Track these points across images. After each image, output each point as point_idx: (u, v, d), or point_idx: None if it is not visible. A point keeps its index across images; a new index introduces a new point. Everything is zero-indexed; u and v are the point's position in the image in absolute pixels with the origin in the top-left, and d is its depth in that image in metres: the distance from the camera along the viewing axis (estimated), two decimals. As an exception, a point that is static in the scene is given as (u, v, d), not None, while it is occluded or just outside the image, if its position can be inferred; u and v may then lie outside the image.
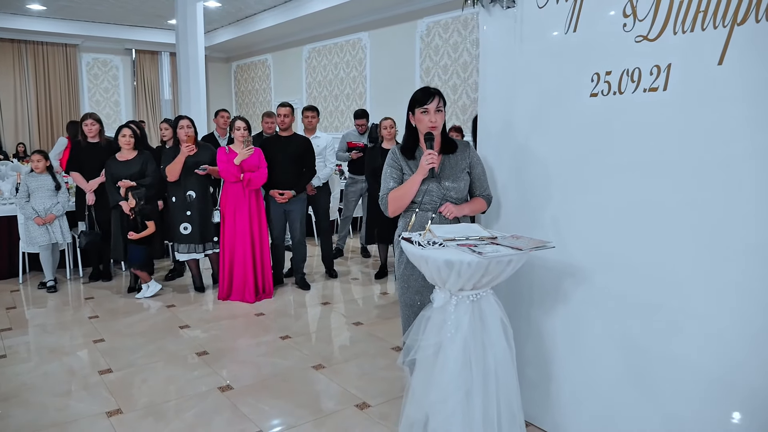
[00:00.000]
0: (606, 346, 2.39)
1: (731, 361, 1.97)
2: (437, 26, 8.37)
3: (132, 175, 4.83)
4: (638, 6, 2.13)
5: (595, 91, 2.31)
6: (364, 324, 4.23)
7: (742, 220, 1.91)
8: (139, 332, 4.03)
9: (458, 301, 1.94)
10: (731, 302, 1.96)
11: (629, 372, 2.32)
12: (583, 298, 2.46)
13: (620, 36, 2.19)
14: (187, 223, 4.83)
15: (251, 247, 4.72)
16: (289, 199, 4.90)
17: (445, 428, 1.93)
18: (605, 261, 2.34)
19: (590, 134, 2.36)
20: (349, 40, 10.06)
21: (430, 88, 2.54)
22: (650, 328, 2.21)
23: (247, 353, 3.68)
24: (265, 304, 4.70)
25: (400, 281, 2.58)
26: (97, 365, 3.46)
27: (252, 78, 13.24)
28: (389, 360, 3.57)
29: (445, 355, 1.94)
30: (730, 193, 1.94)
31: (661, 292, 2.16)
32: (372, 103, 9.49)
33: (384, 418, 2.83)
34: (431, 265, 1.85)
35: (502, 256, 1.82)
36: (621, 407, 2.36)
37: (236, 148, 4.70)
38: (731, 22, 1.86)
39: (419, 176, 2.44)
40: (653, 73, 2.10)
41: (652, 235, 2.17)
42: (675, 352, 2.14)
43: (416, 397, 2.03)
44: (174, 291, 5.07)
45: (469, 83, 7.53)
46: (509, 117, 2.71)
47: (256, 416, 2.85)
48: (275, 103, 12.32)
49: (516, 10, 2.60)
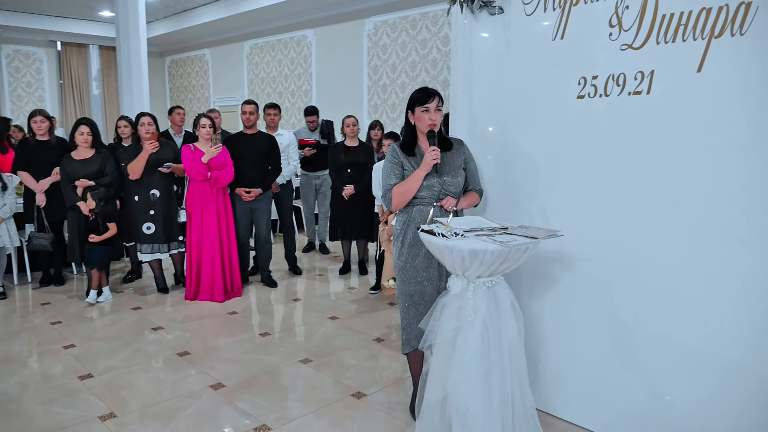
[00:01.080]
0: (592, 327, 2.62)
1: (711, 335, 2.24)
2: (385, 25, 8.51)
3: (90, 174, 4.65)
4: (623, 17, 2.36)
5: (582, 94, 2.53)
6: (339, 318, 4.32)
7: (719, 209, 2.18)
8: (112, 335, 3.92)
9: (476, 288, 2.10)
10: (710, 283, 2.22)
11: (614, 350, 2.57)
12: (570, 283, 2.68)
13: (606, 44, 2.42)
14: (151, 223, 4.72)
15: (219, 246, 4.68)
16: (255, 197, 4.90)
17: (466, 405, 2.08)
18: (591, 249, 2.57)
19: (577, 133, 2.58)
20: (294, 37, 10.02)
21: (429, 89, 2.67)
22: (635, 309, 2.46)
23: (231, 351, 3.68)
24: (235, 302, 4.68)
25: (401, 273, 2.70)
26: (74, 371, 3.35)
27: (188, 73, 12.86)
28: (372, 351, 3.69)
29: (464, 337, 2.09)
30: (706, 187, 2.21)
31: (645, 275, 2.41)
32: (318, 101, 9.49)
33: (382, 405, 2.95)
34: (456, 254, 1.99)
35: (520, 245, 2.00)
36: (606, 383, 2.61)
37: (201, 146, 4.65)
38: (709, 35, 2.12)
39: (423, 171, 2.56)
40: (637, 78, 2.34)
41: (636, 226, 2.42)
42: (659, 329, 2.39)
43: (436, 378, 2.17)
44: (135, 293, 4.93)
45: (439, 80, 7.71)
46: (497, 116, 2.89)
47: (256, 411, 2.89)
48: (214, 99, 12.07)
49: (504, 17, 2.78)
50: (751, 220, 2.10)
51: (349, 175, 5.28)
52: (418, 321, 2.63)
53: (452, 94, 3.07)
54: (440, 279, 2.62)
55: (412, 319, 2.67)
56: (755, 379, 2.13)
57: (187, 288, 4.74)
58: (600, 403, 2.63)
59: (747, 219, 2.11)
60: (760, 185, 2.07)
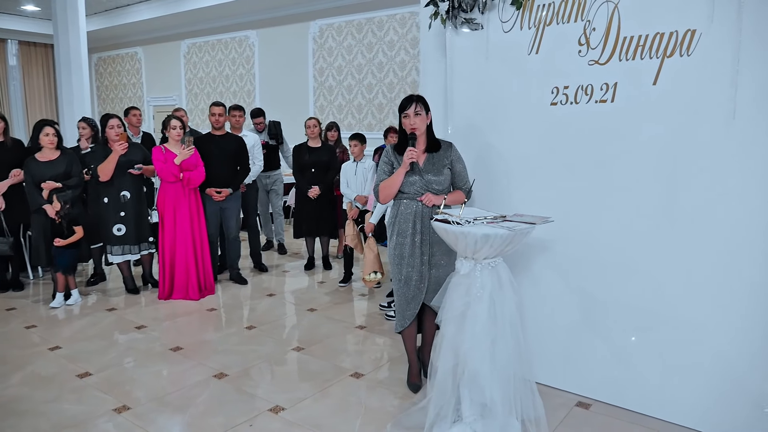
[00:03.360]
0: (565, 299, 3.05)
1: (667, 300, 2.72)
2: (330, 29, 8.75)
3: (56, 176, 4.60)
4: (591, 37, 2.80)
5: (555, 101, 2.95)
6: (318, 310, 4.56)
7: (671, 195, 2.65)
8: (95, 336, 3.96)
9: (482, 268, 2.45)
10: (664, 255, 2.70)
11: (584, 318, 3.01)
12: (545, 263, 3.10)
13: (576, 59, 2.85)
14: (121, 224, 4.74)
15: (192, 245, 4.78)
16: (225, 197, 5.03)
17: (477, 369, 2.43)
18: (564, 234, 2.99)
19: (550, 135, 3.00)
20: (235, 37, 10.02)
21: (412, 96, 3.00)
22: (603, 282, 2.91)
23: (223, 344, 3.83)
24: (210, 300, 4.79)
25: (393, 260, 3.01)
26: (71, 370, 3.39)
27: (118, 72, 12.46)
28: (358, 337, 3.97)
29: (474, 310, 2.43)
30: (660, 178, 2.68)
31: (610, 253, 2.86)
32: (262, 102, 9.58)
33: (381, 383, 3.25)
34: (469, 239, 2.33)
35: (523, 229, 2.37)
36: (577, 348, 3.05)
37: (172, 147, 4.72)
38: (663, 54, 2.59)
39: (402, 169, 2.90)
40: (603, 88, 2.79)
41: (602, 213, 2.87)
42: (622, 298, 2.85)
43: (449, 347, 2.50)
44: (104, 295, 4.92)
45: (407, 81, 8.02)
46: (476, 120, 3.27)
47: (266, 394, 3.10)
48: (147, 99, 11.80)
49: (484, 32, 3.16)
50: (693, 201, 2.58)
51: (313, 175, 5.52)
52: (408, 302, 2.99)
53: (449, 101, 3.42)
54: (422, 264, 2.97)
55: (403, 300, 3.01)
56: (709, 335, 2.62)
57: (161, 287, 4.80)
58: (573, 366, 3.07)
59: (690, 200, 2.59)
60: (700, 173, 2.56)
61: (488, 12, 3.13)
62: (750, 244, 2.47)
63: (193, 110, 10.83)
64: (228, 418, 2.83)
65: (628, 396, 2.88)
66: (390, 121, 8.08)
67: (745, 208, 2.45)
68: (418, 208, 2.93)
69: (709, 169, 2.53)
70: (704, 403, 2.65)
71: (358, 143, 5.12)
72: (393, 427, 2.74)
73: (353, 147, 5.09)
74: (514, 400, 2.50)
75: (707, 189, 2.56)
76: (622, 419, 2.82)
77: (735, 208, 2.48)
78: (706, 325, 2.62)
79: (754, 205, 2.43)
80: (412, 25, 7.88)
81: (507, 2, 3.05)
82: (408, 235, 2.95)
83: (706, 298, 2.61)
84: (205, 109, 10.72)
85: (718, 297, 2.57)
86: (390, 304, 4.53)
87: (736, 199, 2.48)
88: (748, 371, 2.52)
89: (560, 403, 2.97)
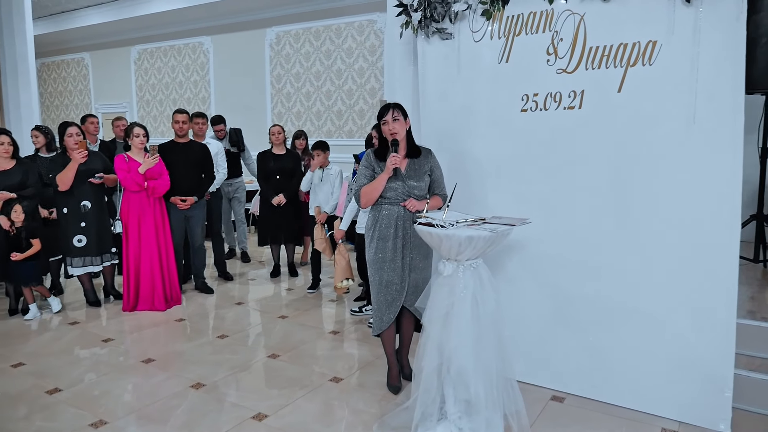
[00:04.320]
0: (538, 296, 3.18)
1: (633, 293, 2.88)
2: (287, 35, 8.74)
3: (11, 186, 4.42)
4: (559, 47, 2.94)
5: (525, 108, 3.09)
6: (288, 317, 4.55)
7: (634, 195, 2.82)
8: (61, 351, 3.82)
9: (464, 269, 2.54)
10: (630, 251, 2.86)
11: (557, 314, 3.15)
12: (520, 263, 3.22)
13: (545, 68, 2.99)
14: (82, 235, 4.60)
15: (158, 255, 4.68)
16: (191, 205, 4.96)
17: (463, 366, 2.51)
18: (536, 233, 3.11)
19: (521, 140, 3.13)
20: (189, 43, 9.86)
21: (390, 103, 3.07)
22: (573, 279, 3.05)
23: (196, 354, 3.77)
24: (177, 310, 4.70)
25: (373, 264, 3.06)
26: (38, 387, 3.27)
27: (63, 78, 12.00)
28: (333, 343, 3.99)
29: (459, 310, 2.51)
30: (624, 179, 2.85)
31: (579, 251, 3.01)
32: (218, 109, 9.43)
33: (362, 386, 3.29)
34: (453, 240, 2.41)
35: (505, 230, 2.47)
36: (550, 343, 3.18)
37: (135, 155, 4.63)
38: (626, 64, 2.76)
39: (385, 175, 2.96)
40: (571, 96, 2.94)
41: (571, 213, 3.02)
42: (591, 294, 3.00)
43: (434, 347, 2.57)
44: (64, 309, 4.74)
45: (366, 89, 8.06)
46: (449, 126, 3.37)
47: (247, 402, 3.08)
48: (96, 105, 11.43)
49: (455, 41, 3.27)
50: (655, 200, 2.76)
51: (278, 182, 5.51)
52: (388, 306, 3.04)
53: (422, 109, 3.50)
54: (403, 269, 3.03)
55: (382, 304, 3.06)
56: (673, 326, 2.79)
57: (125, 299, 4.67)
58: (546, 361, 3.19)
59: (653, 199, 2.77)
60: (661, 174, 2.73)
61: (459, 22, 3.25)
62: (709, 239, 2.65)
63: (144, 117, 10.57)
64: (212, 428, 2.80)
65: (600, 388, 3.03)
66: (349, 128, 8.15)
67: (705, 205, 2.64)
68: (399, 213, 3.00)
69: (670, 170, 2.71)
70: (671, 391, 2.82)
71: (320, 152, 5.12)
72: (379, 428, 2.78)
73: (316, 156, 5.10)
74: (497, 396, 2.59)
75: (668, 189, 2.73)
76: (596, 411, 2.96)
77: (695, 206, 2.67)
78: (670, 316, 2.79)
79: (713, 202, 2.61)
80: (370, 33, 7.97)
81: (477, 13, 3.17)
82: (390, 239, 3.01)
83: (671, 290, 2.78)
84: (158, 116, 10.50)
85: (681, 289, 2.75)
86: (361, 309, 4.58)
87: (696, 198, 2.66)
88: (710, 358, 2.70)
89: (536, 398, 3.09)
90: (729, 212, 2.59)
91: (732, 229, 2.60)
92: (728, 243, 2.61)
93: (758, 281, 3.92)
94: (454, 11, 3.19)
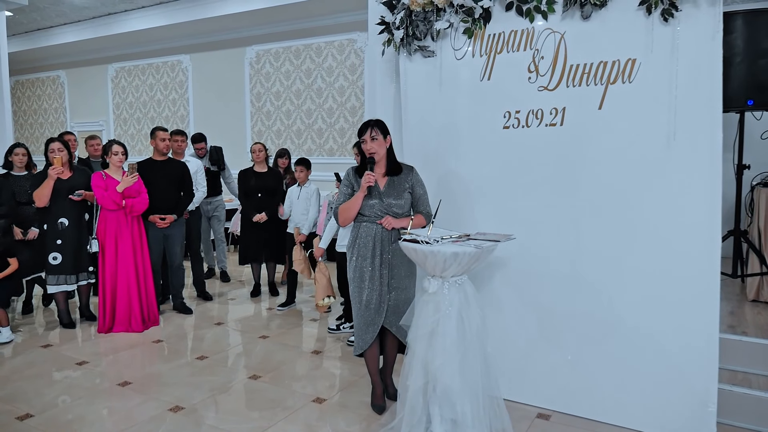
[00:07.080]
0: (522, 313, 3.17)
1: (617, 310, 2.89)
2: (267, 54, 8.74)
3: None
4: (540, 65, 2.98)
5: (507, 125, 3.11)
6: (269, 337, 4.47)
7: (617, 211, 2.85)
8: (33, 375, 3.68)
9: (450, 285, 2.52)
10: (612, 267, 2.88)
11: (541, 332, 3.14)
12: (503, 279, 3.22)
13: (526, 85, 3.03)
14: (57, 253, 4.48)
15: (135, 275, 4.58)
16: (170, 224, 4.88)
17: (448, 384, 2.47)
18: (520, 250, 3.12)
19: (503, 157, 3.14)
20: (167, 62, 9.80)
21: (370, 121, 3.06)
22: (557, 295, 3.05)
23: (174, 376, 3.67)
24: (155, 331, 4.59)
25: (353, 282, 3.02)
26: (8, 413, 3.14)
27: (38, 96, 11.82)
28: (314, 362, 3.92)
29: (444, 327, 2.49)
30: (606, 195, 2.87)
31: (563, 267, 3.01)
32: (198, 127, 9.35)
33: (344, 407, 3.22)
34: (438, 257, 2.40)
35: (489, 247, 2.46)
36: (534, 360, 3.16)
37: (113, 173, 4.55)
38: (606, 81, 2.80)
39: (360, 194, 2.95)
40: (552, 113, 2.97)
41: (554, 229, 3.03)
42: (575, 310, 3.00)
43: (419, 366, 2.53)
44: (36, 330, 4.59)
45: (347, 107, 8.07)
46: (431, 143, 3.38)
47: (227, 425, 3.00)
48: (72, 124, 11.26)
49: (437, 59, 3.29)
50: (637, 215, 2.79)
51: (259, 200, 5.45)
52: (368, 325, 2.99)
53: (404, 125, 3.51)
54: (382, 287, 2.99)
55: (363, 323, 3.02)
56: (657, 342, 2.80)
57: (101, 320, 4.54)
58: (531, 378, 3.18)
59: (635, 215, 2.79)
60: (644, 190, 2.77)
61: (441, 40, 3.28)
62: (690, 254, 2.68)
63: (122, 135, 10.43)
64: (191, 452, 2.72)
65: (585, 404, 3.01)
66: (329, 146, 8.15)
67: (686, 221, 2.67)
68: (378, 231, 2.97)
69: (653, 186, 2.75)
70: (655, 406, 2.82)
71: (303, 168, 5.11)
72: (364, 449, 2.72)
73: (299, 172, 5.08)
74: (483, 415, 2.56)
75: (650, 205, 2.76)
76: (582, 428, 2.94)
77: (676, 221, 2.70)
78: (654, 331, 2.80)
79: (695, 218, 2.65)
80: (350, 52, 8.02)
81: (459, 31, 3.20)
82: (368, 257, 2.97)
83: (653, 306, 2.80)
84: (135, 134, 10.38)
85: (664, 305, 2.77)
86: (339, 327, 4.52)
87: (677, 213, 2.70)
88: (694, 373, 2.71)
89: (522, 416, 3.06)
90: (709, 228, 2.63)
91: (712, 245, 2.63)
92: (709, 258, 2.64)
93: (737, 296, 3.98)
94: (436, 29, 3.22)
